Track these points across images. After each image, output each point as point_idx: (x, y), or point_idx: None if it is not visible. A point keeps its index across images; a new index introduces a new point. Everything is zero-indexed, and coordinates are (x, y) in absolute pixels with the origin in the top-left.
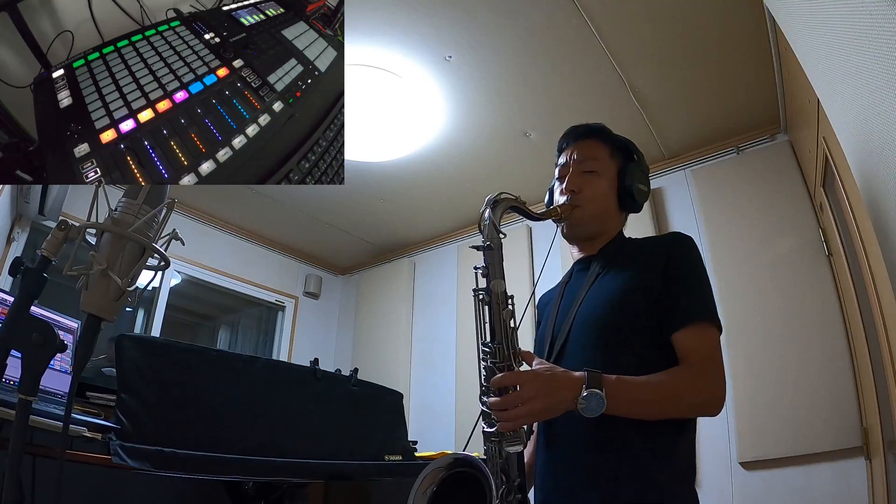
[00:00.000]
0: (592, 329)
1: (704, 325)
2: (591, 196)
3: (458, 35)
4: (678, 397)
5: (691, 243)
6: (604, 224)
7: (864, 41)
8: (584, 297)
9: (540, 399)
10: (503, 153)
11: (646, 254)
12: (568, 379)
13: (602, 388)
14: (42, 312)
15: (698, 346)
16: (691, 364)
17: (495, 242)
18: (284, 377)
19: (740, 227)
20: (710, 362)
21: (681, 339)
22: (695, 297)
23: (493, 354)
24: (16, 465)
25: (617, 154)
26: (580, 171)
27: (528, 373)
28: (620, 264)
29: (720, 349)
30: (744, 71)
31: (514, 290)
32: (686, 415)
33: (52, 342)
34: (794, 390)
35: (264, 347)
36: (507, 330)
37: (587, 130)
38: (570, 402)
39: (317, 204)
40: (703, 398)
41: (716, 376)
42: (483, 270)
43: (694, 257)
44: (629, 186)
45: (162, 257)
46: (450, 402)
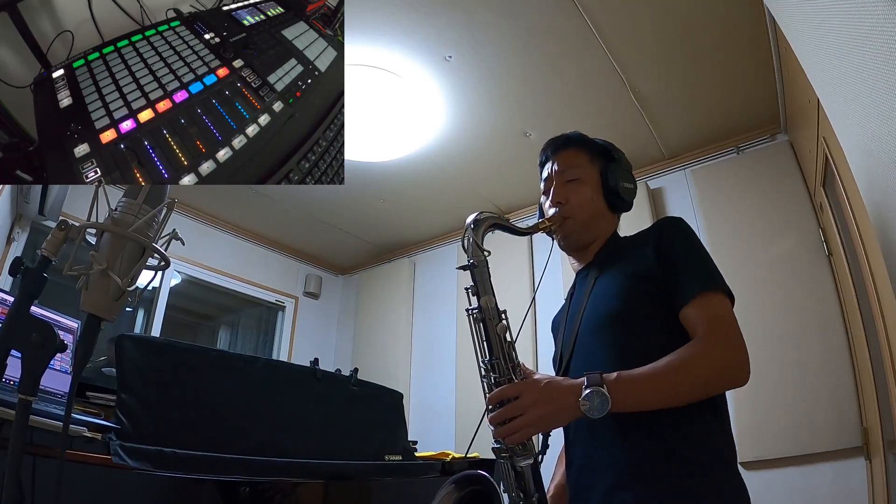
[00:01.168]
0: (599, 328)
1: (708, 294)
2: (578, 203)
3: (458, 35)
4: (692, 375)
5: (679, 221)
6: (597, 229)
7: (864, 41)
8: (587, 303)
9: (540, 406)
10: (503, 153)
11: (637, 245)
12: (567, 384)
13: (603, 385)
14: (42, 312)
15: (708, 316)
16: (703, 336)
17: (479, 261)
18: (284, 377)
19: (740, 227)
20: (719, 329)
21: (687, 314)
22: (692, 269)
23: (493, 369)
24: (16, 465)
25: (597, 158)
26: (563, 182)
27: (524, 382)
28: (615, 262)
29: (731, 313)
30: (744, 71)
31: (514, 293)
32: (710, 393)
33: (52, 342)
34: (793, 390)
35: (264, 347)
36: (504, 344)
37: (564, 140)
38: (573, 405)
39: (317, 204)
40: (723, 369)
41: (729, 341)
42: (472, 289)
43: (683, 233)
44: (614, 186)
45: (162, 257)
46: (450, 402)
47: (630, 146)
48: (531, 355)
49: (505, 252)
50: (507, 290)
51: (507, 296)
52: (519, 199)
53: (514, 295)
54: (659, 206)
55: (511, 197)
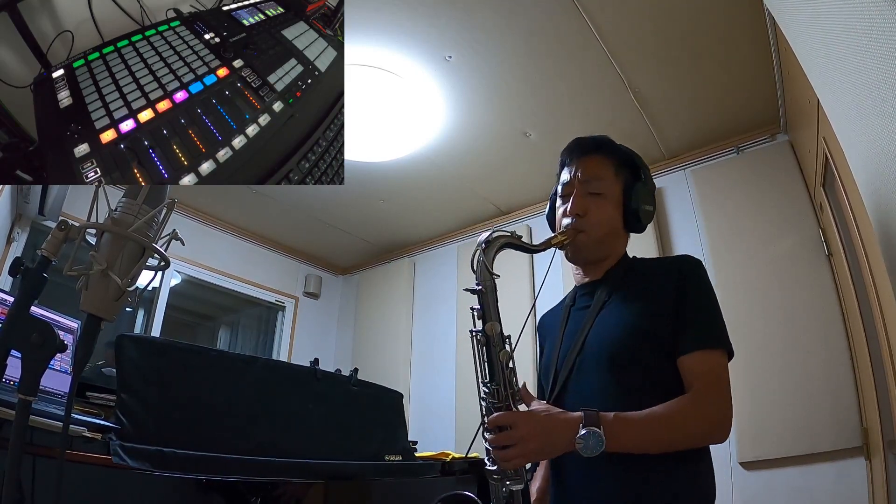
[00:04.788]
0: (606, 357)
1: (712, 351)
2: (597, 220)
3: (458, 35)
4: (681, 428)
5: (700, 267)
6: (609, 247)
7: (864, 41)
8: (591, 326)
9: (535, 440)
10: (503, 153)
11: (655, 279)
12: (564, 419)
13: (600, 427)
14: (42, 312)
15: (704, 372)
16: (696, 392)
17: (487, 285)
18: (284, 377)
19: (740, 227)
20: (715, 388)
21: (687, 363)
22: (703, 322)
23: (492, 395)
24: (16, 465)
25: (622, 170)
26: (585, 192)
27: (523, 413)
28: (629, 291)
29: (727, 374)
30: (744, 71)
31: (514, 294)
32: (691, 445)
33: (52, 342)
34: (794, 390)
35: (264, 347)
36: (505, 371)
37: (593, 145)
38: (568, 442)
39: (317, 204)
40: (708, 426)
41: (721, 402)
42: (478, 312)
43: (704, 282)
44: (636, 208)
45: (162, 257)
46: (450, 402)
47: (630, 146)
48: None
49: (505, 252)
50: (508, 290)
51: (508, 296)
52: (519, 200)
53: (515, 295)
54: (659, 207)
55: (511, 197)
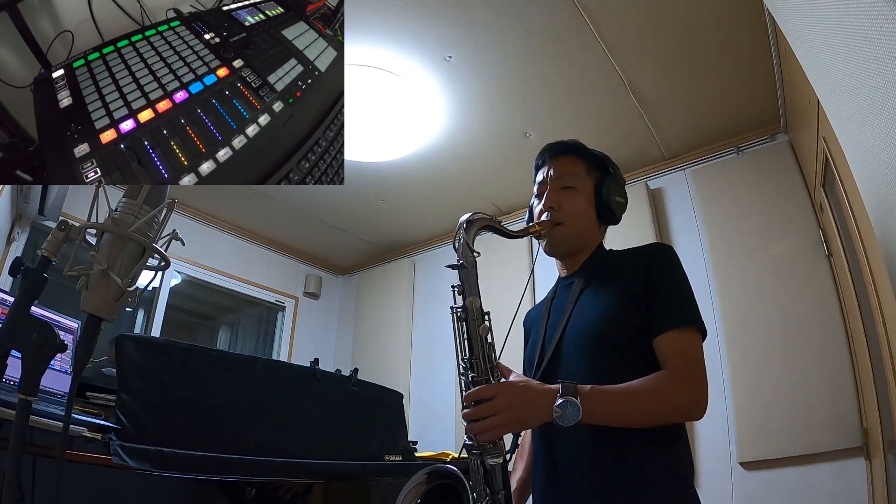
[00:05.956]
0: (583, 343)
1: (685, 329)
2: (571, 212)
3: (458, 35)
4: (657, 402)
5: (670, 251)
6: (584, 239)
7: (864, 41)
8: (570, 314)
9: (513, 409)
10: (503, 153)
11: (627, 266)
12: (543, 390)
13: (577, 397)
14: (42, 312)
15: (679, 350)
16: (672, 369)
17: (469, 262)
18: (284, 377)
19: (740, 227)
20: (690, 366)
21: (661, 343)
22: (674, 302)
23: (472, 368)
24: (16, 465)
25: (593, 169)
26: (558, 188)
27: (501, 384)
28: (603, 278)
29: (702, 353)
30: (744, 71)
31: (513, 292)
32: (668, 420)
33: (52, 342)
34: (794, 390)
35: (264, 347)
36: (484, 345)
37: (563, 147)
38: (545, 411)
39: (317, 204)
40: (684, 403)
41: (697, 380)
42: (459, 288)
43: (673, 264)
44: (607, 199)
45: (162, 257)
46: (450, 402)
47: (630, 146)
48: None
49: (506, 252)
50: (508, 289)
51: (508, 295)
52: (519, 200)
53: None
54: (659, 207)
55: (511, 197)
